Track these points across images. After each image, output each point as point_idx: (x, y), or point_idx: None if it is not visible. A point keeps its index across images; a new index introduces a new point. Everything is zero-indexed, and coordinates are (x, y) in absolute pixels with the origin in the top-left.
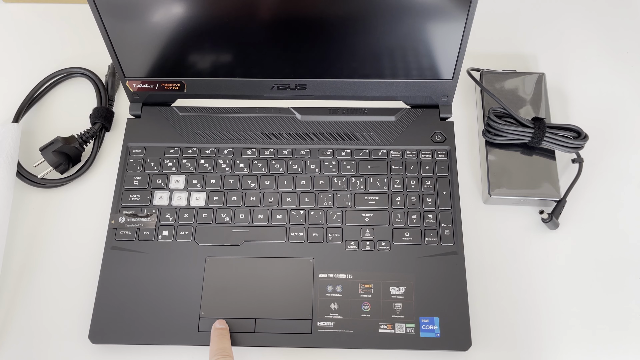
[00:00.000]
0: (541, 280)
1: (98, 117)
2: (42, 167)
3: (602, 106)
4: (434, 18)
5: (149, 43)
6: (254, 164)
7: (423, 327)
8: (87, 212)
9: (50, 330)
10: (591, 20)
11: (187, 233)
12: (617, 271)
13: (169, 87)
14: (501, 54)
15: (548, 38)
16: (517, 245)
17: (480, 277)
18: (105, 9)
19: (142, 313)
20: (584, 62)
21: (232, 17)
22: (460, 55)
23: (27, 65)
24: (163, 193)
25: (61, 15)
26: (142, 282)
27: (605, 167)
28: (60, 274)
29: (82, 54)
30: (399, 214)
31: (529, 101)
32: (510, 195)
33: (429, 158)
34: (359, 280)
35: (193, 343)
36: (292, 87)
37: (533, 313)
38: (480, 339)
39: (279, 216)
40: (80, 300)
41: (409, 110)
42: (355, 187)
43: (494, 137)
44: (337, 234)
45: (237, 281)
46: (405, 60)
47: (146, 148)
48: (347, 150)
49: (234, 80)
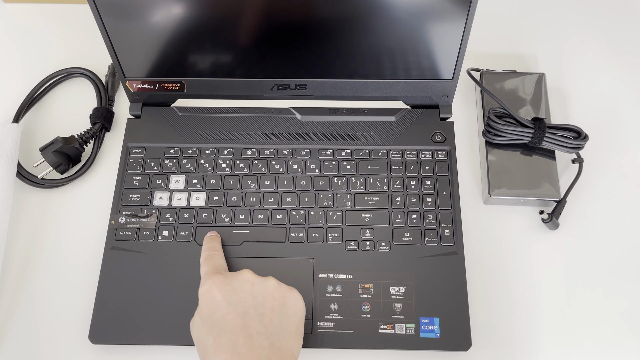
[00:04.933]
0: (541, 281)
1: (98, 117)
2: (42, 167)
3: (602, 106)
4: (434, 18)
5: (149, 43)
6: (254, 164)
7: (423, 327)
8: (87, 212)
9: (50, 330)
10: (591, 20)
11: (187, 233)
12: (617, 271)
13: (169, 87)
14: (501, 54)
15: (548, 38)
16: (517, 245)
17: (480, 277)
18: (105, 9)
19: (142, 313)
20: (584, 62)
21: (232, 17)
22: (460, 56)
23: (27, 65)
24: (163, 193)
25: (61, 15)
26: (142, 282)
27: (605, 167)
28: (60, 274)
29: (82, 54)
30: (399, 214)
31: (529, 101)
32: (510, 195)
33: (429, 158)
34: (359, 281)
35: (193, 343)
36: (292, 87)
37: (533, 313)
38: (480, 339)
39: (279, 216)
40: (80, 301)
41: (409, 110)
42: (355, 187)
43: (494, 137)
44: (337, 234)
45: None
46: (405, 60)
47: (146, 148)
48: (347, 150)
49: (234, 81)
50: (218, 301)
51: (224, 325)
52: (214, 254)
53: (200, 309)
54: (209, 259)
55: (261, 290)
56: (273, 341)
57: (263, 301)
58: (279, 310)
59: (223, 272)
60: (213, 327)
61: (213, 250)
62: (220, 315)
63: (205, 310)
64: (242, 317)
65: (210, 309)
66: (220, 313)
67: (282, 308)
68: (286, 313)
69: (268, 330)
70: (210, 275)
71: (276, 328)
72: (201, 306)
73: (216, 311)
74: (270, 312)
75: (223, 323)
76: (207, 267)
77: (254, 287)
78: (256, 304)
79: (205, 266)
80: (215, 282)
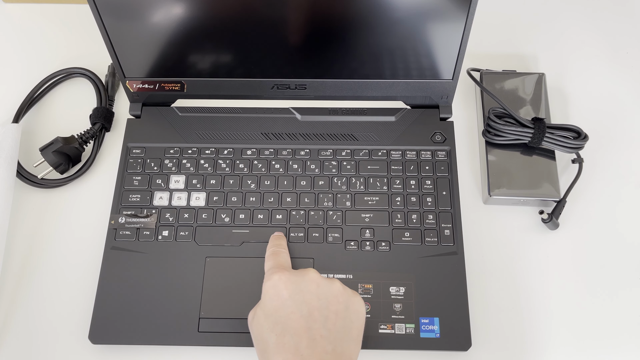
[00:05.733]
0: (541, 281)
1: (98, 117)
2: (42, 167)
3: (602, 106)
4: (434, 18)
5: (149, 43)
6: (254, 164)
7: (423, 327)
8: (87, 212)
9: (50, 330)
10: (591, 20)
11: (187, 233)
12: (617, 271)
13: (169, 87)
14: (501, 54)
15: (548, 38)
16: (517, 245)
17: (480, 277)
18: (105, 9)
19: (142, 313)
20: (584, 62)
21: (232, 17)
22: (460, 56)
23: (27, 65)
24: (163, 193)
25: (61, 15)
26: (142, 283)
27: (605, 167)
28: (60, 275)
29: (82, 54)
30: (399, 214)
31: (529, 101)
32: (510, 195)
33: (429, 158)
34: (359, 280)
35: (193, 343)
36: (292, 87)
37: (533, 313)
38: (480, 339)
39: (279, 216)
40: (80, 300)
41: (409, 110)
42: (355, 187)
43: (494, 137)
44: (337, 234)
45: (237, 281)
46: (405, 60)
47: (146, 148)
48: (347, 150)
49: (234, 81)
50: (284, 298)
51: (288, 324)
52: (280, 250)
53: (263, 304)
54: (275, 255)
55: (326, 293)
56: (335, 346)
57: (327, 304)
58: (342, 314)
59: (289, 269)
60: (276, 324)
61: (280, 247)
62: (284, 314)
63: (270, 306)
64: (306, 319)
65: (275, 306)
66: (285, 311)
67: (345, 312)
68: (349, 318)
69: (331, 335)
70: (276, 271)
71: (339, 333)
72: (265, 301)
73: (281, 309)
74: (335, 316)
75: (287, 322)
76: (273, 262)
77: (319, 288)
78: (320, 306)
79: (271, 261)
80: (281, 278)
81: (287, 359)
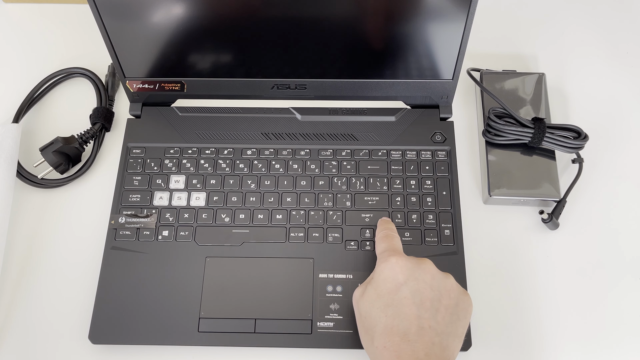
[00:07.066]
0: (541, 281)
1: (98, 117)
2: (42, 167)
3: (602, 106)
4: (434, 18)
5: (149, 43)
6: (254, 164)
7: None
8: (87, 212)
9: (50, 330)
10: (591, 20)
11: (187, 233)
12: (617, 271)
13: (169, 87)
14: (501, 54)
15: (548, 38)
16: (517, 245)
17: (480, 277)
18: (105, 9)
19: (142, 313)
20: (584, 62)
21: (232, 17)
22: (460, 56)
23: (27, 65)
24: (163, 193)
25: (61, 15)
26: (142, 282)
27: (605, 167)
28: (60, 274)
29: (82, 54)
30: (399, 214)
31: (529, 101)
32: (510, 195)
33: (429, 158)
34: (359, 281)
35: (193, 343)
36: (292, 87)
37: (533, 313)
38: (480, 339)
39: (279, 216)
40: (80, 300)
41: (409, 110)
42: (355, 187)
43: (494, 137)
44: (337, 234)
45: (237, 281)
46: (406, 60)
47: (146, 148)
48: (347, 150)
49: (234, 81)
50: (399, 283)
51: (400, 309)
52: (391, 234)
53: (376, 284)
54: (388, 238)
55: (439, 286)
56: (442, 339)
57: (440, 297)
58: (452, 310)
59: (404, 254)
60: (389, 306)
61: (391, 230)
62: (398, 298)
63: (383, 288)
64: (418, 307)
65: (390, 288)
66: (399, 296)
67: (455, 309)
68: (457, 315)
69: (439, 327)
70: (393, 254)
71: (447, 327)
72: (379, 281)
73: (396, 292)
74: (445, 310)
75: (400, 307)
76: (387, 245)
77: (434, 280)
78: (433, 297)
79: (384, 243)
80: (399, 262)
81: (394, 342)
